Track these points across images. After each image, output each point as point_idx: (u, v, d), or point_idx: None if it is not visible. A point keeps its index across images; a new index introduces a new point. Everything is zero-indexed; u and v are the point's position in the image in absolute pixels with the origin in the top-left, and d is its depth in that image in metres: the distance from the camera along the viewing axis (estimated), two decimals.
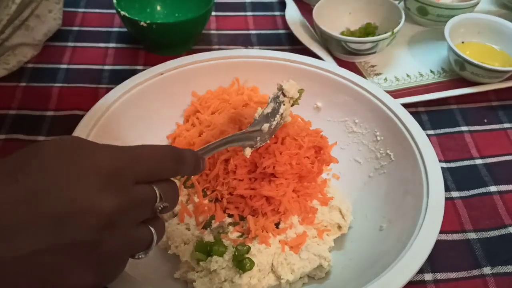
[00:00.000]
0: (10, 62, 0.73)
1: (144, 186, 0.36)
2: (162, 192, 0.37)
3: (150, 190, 0.36)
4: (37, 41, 0.76)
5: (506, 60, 0.76)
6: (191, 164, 0.41)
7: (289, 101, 0.53)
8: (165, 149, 0.39)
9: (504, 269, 0.54)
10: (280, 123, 0.53)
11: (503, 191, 0.62)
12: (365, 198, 0.58)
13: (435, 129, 0.70)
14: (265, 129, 0.51)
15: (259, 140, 0.51)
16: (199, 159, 0.43)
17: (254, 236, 0.52)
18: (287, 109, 0.53)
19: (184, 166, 0.40)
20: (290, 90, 0.53)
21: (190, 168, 0.42)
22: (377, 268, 0.47)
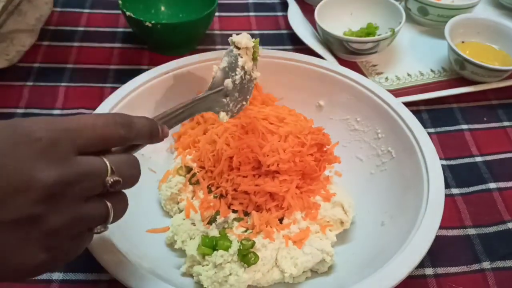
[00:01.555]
0: (10, 53, 0.74)
1: (90, 158, 0.34)
2: (115, 164, 0.35)
3: (98, 162, 0.34)
4: (31, 26, 0.76)
5: (505, 60, 0.77)
6: (143, 130, 0.39)
7: (246, 53, 0.52)
8: (109, 117, 0.36)
9: (503, 264, 0.55)
10: (247, 79, 0.52)
11: (502, 188, 0.63)
12: (367, 194, 0.59)
13: (436, 127, 0.71)
14: (228, 85, 0.50)
15: (230, 101, 0.50)
16: (154, 125, 0.40)
17: (258, 231, 0.53)
18: (247, 61, 0.52)
19: (134, 133, 0.37)
20: (241, 40, 0.51)
21: (144, 135, 0.39)
22: (379, 262, 0.48)
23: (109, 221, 0.36)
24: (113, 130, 0.35)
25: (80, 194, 0.33)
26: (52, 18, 0.87)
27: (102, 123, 0.35)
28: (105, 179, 0.34)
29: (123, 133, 0.36)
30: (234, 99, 0.50)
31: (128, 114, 0.39)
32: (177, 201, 0.58)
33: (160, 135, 0.41)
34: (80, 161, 0.33)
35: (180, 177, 0.59)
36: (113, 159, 0.35)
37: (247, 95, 0.52)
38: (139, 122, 0.38)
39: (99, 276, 0.53)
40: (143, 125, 0.39)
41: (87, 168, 0.33)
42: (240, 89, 0.51)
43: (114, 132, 0.35)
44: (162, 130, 0.42)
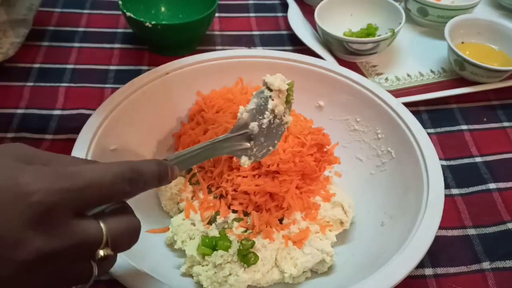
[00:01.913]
0: (3, 46, 0.73)
1: (87, 223, 0.32)
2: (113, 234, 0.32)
3: (93, 230, 0.32)
4: (22, 15, 0.75)
5: (505, 60, 0.77)
6: (152, 178, 0.36)
7: (278, 96, 0.48)
8: (118, 172, 0.33)
9: (502, 264, 0.55)
10: (276, 123, 0.48)
11: (502, 188, 0.63)
12: (366, 194, 0.59)
13: (436, 127, 0.71)
14: (254, 129, 0.46)
15: (254, 145, 0.47)
16: (164, 170, 0.38)
17: (258, 231, 0.53)
18: (278, 105, 0.48)
19: (141, 185, 0.35)
20: (274, 82, 0.47)
21: (152, 183, 0.37)
22: (378, 262, 0.48)
23: (91, 281, 0.34)
24: (120, 187, 0.33)
25: (65, 262, 0.31)
26: (52, 18, 0.87)
27: (109, 181, 0.32)
28: (95, 251, 0.32)
29: (128, 190, 0.34)
30: (259, 144, 0.46)
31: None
32: (177, 201, 0.58)
33: (169, 178, 0.38)
34: (74, 228, 0.31)
35: (180, 178, 0.59)
36: (112, 226, 0.32)
37: (275, 140, 0.48)
38: (149, 172, 0.36)
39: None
40: (152, 173, 0.36)
41: (79, 238, 0.31)
42: (267, 134, 0.47)
43: (120, 189, 0.33)
44: (172, 172, 0.39)
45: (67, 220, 0.30)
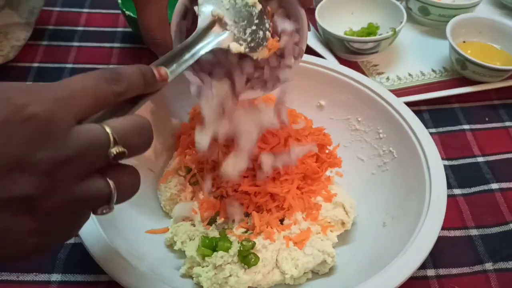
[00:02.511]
0: (4, 49, 0.73)
1: (89, 127, 0.31)
2: (118, 132, 0.31)
3: (98, 132, 0.31)
4: (25, 19, 0.75)
5: (507, 59, 0.77)
6: (134, 78, 0.34)
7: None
8: (96, 75, 0.32)
9: (505, 265, 0.55)
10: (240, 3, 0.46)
11: (504, 188, 0.63)
12: (368, 195, 0.59)
13: (437, 127, 0.71)
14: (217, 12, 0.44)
15: (234, 29, 0.45)
16: (146, 69, 0.36)
17: (259, 232, 0.52)
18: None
19: (125, 84, 0.33)
20: None
21: (137, 83, 0.34)
22: (380, 263, 0.47)
23: (112, 201, 0.32)
24: (105, 88, 0.32)
25: (78, 172, 0.30)
26: (51, 17, 0.87)
27: (92, 85, 0.31)
28: (107, 152, 0.31)
29: (115, 89, 0.32)
30: (237, 25, 0.45)
31: None
32: (176, 201, 0.58)
33: (158, 78, 0.36)
34: (78, 133, 0.30)
35: (179, 178, 0.58)
36: (116, 125, 0.31)
37: (256, 21, 0.46)
38: (128, 71, 0.34)
39: (98, 277, 0.52)
40: (132, 73, 0.34)
41: (85, 142, 0.30)
42: (236, 14, 0.46)
43: (106, 90, 0.32)
44: (159, 72, 0.37)
45: (69, 128, 0.29)
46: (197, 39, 0.43)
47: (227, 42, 0.44)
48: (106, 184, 0.31)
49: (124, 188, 0.33)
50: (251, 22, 0.46)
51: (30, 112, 0.28)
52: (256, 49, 0.46)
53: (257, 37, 0.46)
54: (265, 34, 0.47)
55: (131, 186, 0.34)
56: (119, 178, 0.32)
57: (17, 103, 0.28)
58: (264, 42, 0.47)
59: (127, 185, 0.33)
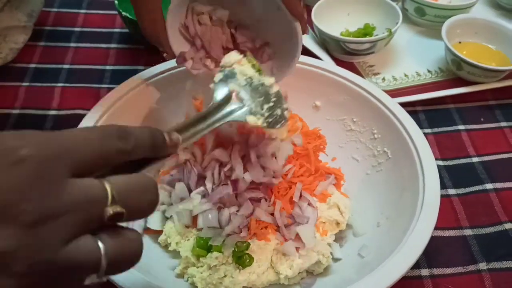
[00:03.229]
0: (2, 51, 0.74)
1: (86, 181, 0.27)
2: (118, 189, 0.27)
3: (95, 187, 0.27)
4: (23, 22, 0.76)
5: (502, 60, 0.77)
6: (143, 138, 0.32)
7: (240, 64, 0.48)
8: (102, 129, 0.30)
9: (499, 265, 0.55)
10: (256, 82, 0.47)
11: (499, 188, 0.63)
12: (362, 195, 0.59)
13: (433, 128, 0.71)
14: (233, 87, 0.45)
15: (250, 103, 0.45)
16: (156, 132, 0.33)
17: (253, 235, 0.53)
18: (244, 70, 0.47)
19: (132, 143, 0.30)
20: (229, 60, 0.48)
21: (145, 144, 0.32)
22: (374, 263, 0.47)
23: (101, 270, 0.27)
24: (110, 143, 0.29)
25: (65, 231, 0.26)
26: (49, 18, 0.87)
27: (97, 137, 0.29)
28: (103, 210, 0.27)
29: (121, 146, 0.29)
30: (253, 101, 0.45)
31: (124, 123, 0.32)
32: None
33: (168, 142, 0.34)
34: (72, 186, 0.26)
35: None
36: (117, 182, 0.28)
37: (274, 99, 0.46)
38: (137, 130, 0.31)
39: None
40: (141, 133, 0.32)
41: (79, 196, 0.26)
42: (253, 91, 0.46)
43: (111, 146, 0.29)
44: (170, 137, 0.34)
45: (63, 179, 0.26)
46: (213, 111, 0.42)
47: (244, 115, 0.44)
48: (95, 247, 0.27)
49: (119, 255, 0.28)
50: (268, 99, 0.46)
51: (22, 155, 0.25)
52: (274, 125, 0.45)
53: (275, 113, 0.46)
54: (283, 113, 0.46)
55: (128, 254, 0.28)
56: (113, 243, 0.27)
57: (9, 144, 0.25)
58: (282, 120, 0.46)
59: (123, 252, 0.28)
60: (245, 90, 0.46)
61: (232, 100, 0.45)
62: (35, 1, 0.78)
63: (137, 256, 0.29)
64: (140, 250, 0.29)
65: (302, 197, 0.55)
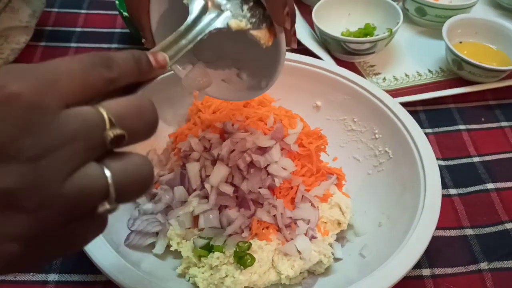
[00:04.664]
0: (4, 51, 0.74)
1: (81, 109, 0.26)
2: (114, 112, 0.27)
3: (90, 113, 0.26)
4: (25, 23, 0.76)
5: (503, 60, 0.77)
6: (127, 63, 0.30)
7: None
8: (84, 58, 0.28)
9: (500, 265, 0.55)
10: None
11: (500, 188, 0.63)
12: (364, 195, 0.59)
13: (433, 127, 0.71)
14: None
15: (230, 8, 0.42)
16: (140, 54, 0.32)
17: (254, 235, 0.53)
18: None
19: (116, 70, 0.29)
20: None
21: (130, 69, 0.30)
22: (376, 263, 0.47)
23: (111, 195, 0.26)
24: (94, 73, 0.27)
25: (68, 163, 0.25)
26: (50, 18, 0.87)
27: (79, 68, 0.27)
28: (103, 136, 0.26)
29: (105, 74, 0.28)
30: (231, 4, 0.42)
31: None
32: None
33: (154, 64, 0.32)
34: (67, 117, 0.25)
35: None
36: (111, 105, 0.27)
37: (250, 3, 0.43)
38: (120, 56, 0.30)
39: (95, 277, 0.53)
40: (125, 59, 0.30)
41: (77, 125, 0.25)
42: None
43: (96, 75, 0.27)
44: (156, 58, 0.33)
45: (58, 110, 0.25)
46: (191, 24, 0.40)
47: (225, 21, 0.41)
48: (100, 173, 0.26)
49: (127, 179, 0.27)
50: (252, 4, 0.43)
51: (12, 92, 0.24)
52: (259, 25, 0.42)
53: (257, 13, 0.43)
54: (265, 12, 0.43)
55: (138, 177, 0.27)
56: (119, 167, 0.27)
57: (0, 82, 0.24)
58: (266, 19, 0.43)
59: (131, 176, 0.27)
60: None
61: (209, 9, 0.42)
62: (37, 2, 0.78)
63: (147, 180, 0.28)
64: (150, 174, 0.28)
65: (303, 197, 0.55)
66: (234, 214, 0.52)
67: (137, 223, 0.54)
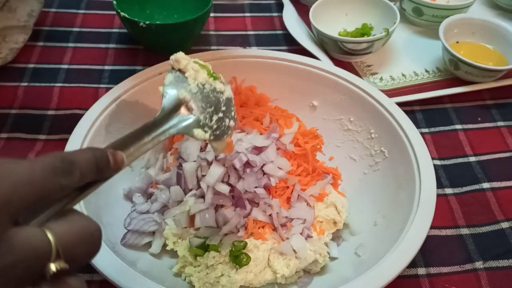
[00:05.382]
0: (2, 51, 0.74)
1: (29, 231, 0.25)
2: (62, 241, 0.26)
3: (38, 239, 0.25)
4: (23, 22, 0.76)
5: (499, 60, 0.77)
6: (88, 167, 0.30)
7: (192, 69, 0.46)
8: (46, 164, 0.28)
9: (495, 264, 0.55)
10: (208, 88, 0.46)
11: (495, 187, 0.63)
12: (360, 194, 0.59)
13: (430, 127, 0.71)
14: (183, 95, 0.43)
15: (199, 113, 0.43)
16: (101, 156, 0.32)
17: (250, 234, 0.53)
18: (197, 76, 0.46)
19: (77, 176, 0.29)
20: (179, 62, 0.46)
21: (90, 172, 0.31)
22: (371, 262, 0.48)
23: None
24: (53, 180, 0.27)
25: (6, 286, 0.25)
26: (47, 18, 0.87)
27: (40, 176, 0.27)
28: (45, 265, 0.25)
29: (64, 183, 0.28)
30: (203, 111, 0.43)
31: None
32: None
33: (112, 165, 0.33)
34: (14, 238, 0.25)
35: None
36: (61, 231, 0.26)
37: (223, 109, 0.45)
38: (82, 160, 0.30)
39: (92, 276, 0.53)
40: (86, 161, 0.30)
41: (22, 251, 0.25)
42: (204, 99, 0.44)
43: (54, 183, 0.27)
44: (115, 159, 0.33)
45: (5, 231, 0.24)
46: (159, 121, 0.40)
47: (191, 128, 0.42)
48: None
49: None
50: (218, 109, 0.45)
51: None
52: (220, 137, 0.44)
53: (223, 125, 0.45)
54: (230, 122, 0.45)
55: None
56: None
57: None
58: (228, 131, 0.45)
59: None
60: (195, 99, 0.44)
61: (181, 109, 0.43)
62: (35, 1, 0.78)
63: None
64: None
65: (299, 197, 0.55)
66: (230, 213, 0.52)
67: (133, 222, 0.54)
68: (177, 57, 0.45)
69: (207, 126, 0.43)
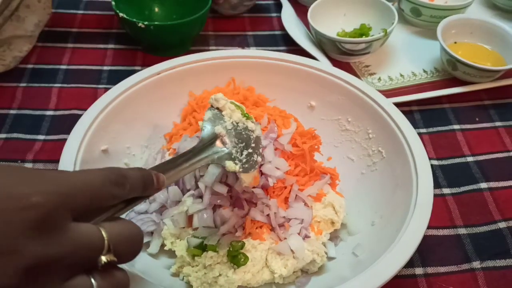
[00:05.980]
0: (6, 58, 0.74)
1: (86, 227, 0.30)
2: (114, 239, 0.31)
3: (94, 235, 0.30)
4: (30, 32, 0.76)
5: (497, 60, 0.77)
6: (137, 184, 0.36)
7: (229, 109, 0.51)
8: (102, 175, 0.33)
9: (493, 263, 0.55)
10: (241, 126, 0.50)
11: (493, 187, 0.63)
12: (357, 194, 0.60)
13: (428, 127, 0.72)
14: (219, 130, 0.48)
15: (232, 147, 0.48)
16: (148, 176, 0.37)
17: (248, 234, 0.53)
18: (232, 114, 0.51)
19: (127, 190, 0.34)
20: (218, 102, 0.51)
21: (137, 188, 0.36)
22: (368, 262, 0.48)
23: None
24: (109, 189, 0.32)
25: (64, 272, 0.29)
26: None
27: (100, 183, 0.32)
28: (98, 257, 0.30)
29: (116, 193, 0.33)
30: (235, 146, 0.48)
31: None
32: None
33: (155, 185, 0.38)
34: (74, 232, 0.29)
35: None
36: (113, 230, 0.31)
37: (253, 145, 0.50)
38: (133, 176, 0.35)
39: None
40: (136, 179, 0.35)
41: (81, 242, 0.29)
42: (237, 135, 0.49)
43: (109, 191, 0.32)
44: (158, 179, 0.38)
45: (67, 224, 0.29)
46: (197, 150, 0.46)
47: (224, 159, 0.47)
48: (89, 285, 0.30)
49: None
50: (248, 145, 0.50)
51: (32, 202, 0.28)
52: (248, 170, 0.48)
53: (252, 159, 0.49)
54: (257, 158, 0.49)
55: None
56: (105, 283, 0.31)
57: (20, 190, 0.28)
58: (255, 165, 0.49)
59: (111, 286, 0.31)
60: (229, 134, 0.49)
61: (217, 142, 0.48)
62: (43, 12, 0.78)
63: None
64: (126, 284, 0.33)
65: (297, 197, 0.56)
66: (228, 213, 0.52)
67: None
68: (217, 97, 0.50)
69: (237, 159, 0.48)
